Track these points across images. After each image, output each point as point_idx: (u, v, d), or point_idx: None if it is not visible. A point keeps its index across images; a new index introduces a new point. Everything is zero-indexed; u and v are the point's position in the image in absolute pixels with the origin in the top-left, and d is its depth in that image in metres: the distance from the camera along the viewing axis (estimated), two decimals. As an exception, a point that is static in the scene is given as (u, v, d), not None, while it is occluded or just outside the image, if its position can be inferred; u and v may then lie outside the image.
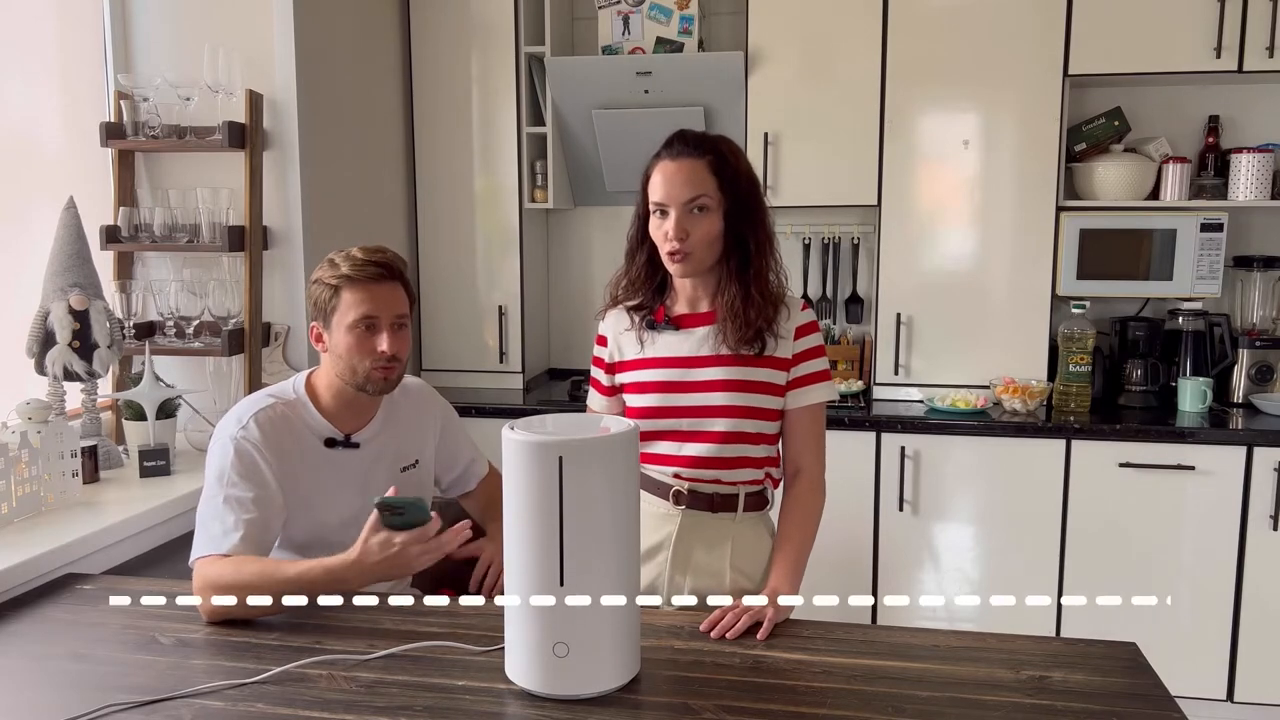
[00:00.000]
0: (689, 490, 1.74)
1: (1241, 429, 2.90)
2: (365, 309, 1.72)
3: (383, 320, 1.74)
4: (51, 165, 2.62)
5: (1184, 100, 3.30)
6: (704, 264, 1.70)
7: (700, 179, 1.66)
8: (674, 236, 1.66)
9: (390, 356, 1.74)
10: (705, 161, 1.67)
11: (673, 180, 1.67)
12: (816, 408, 1.77)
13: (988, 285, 3.18)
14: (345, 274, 1.72)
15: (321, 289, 1.74)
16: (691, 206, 1.66)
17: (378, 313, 1.73)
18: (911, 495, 3.05)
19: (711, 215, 1.67)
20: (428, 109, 3.42)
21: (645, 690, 1.36)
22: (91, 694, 1.36)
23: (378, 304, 1.73)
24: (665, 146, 1.71)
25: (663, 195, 1.67)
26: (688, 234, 1.66)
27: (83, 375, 2.36)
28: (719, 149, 1.69)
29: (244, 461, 1.69)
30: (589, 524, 1.30)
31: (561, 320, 3.83)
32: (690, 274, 1.71)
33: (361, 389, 1.77)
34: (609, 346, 1.84)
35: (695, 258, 1.68)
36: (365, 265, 1.73)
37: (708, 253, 1.69)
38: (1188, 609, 2.93)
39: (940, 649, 1.49)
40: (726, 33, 3.48)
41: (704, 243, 1.67)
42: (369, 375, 1.75)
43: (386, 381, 1.77)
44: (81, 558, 1.93)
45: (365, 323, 1.72)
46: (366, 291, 1.72)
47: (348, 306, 1.72)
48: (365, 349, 1.73)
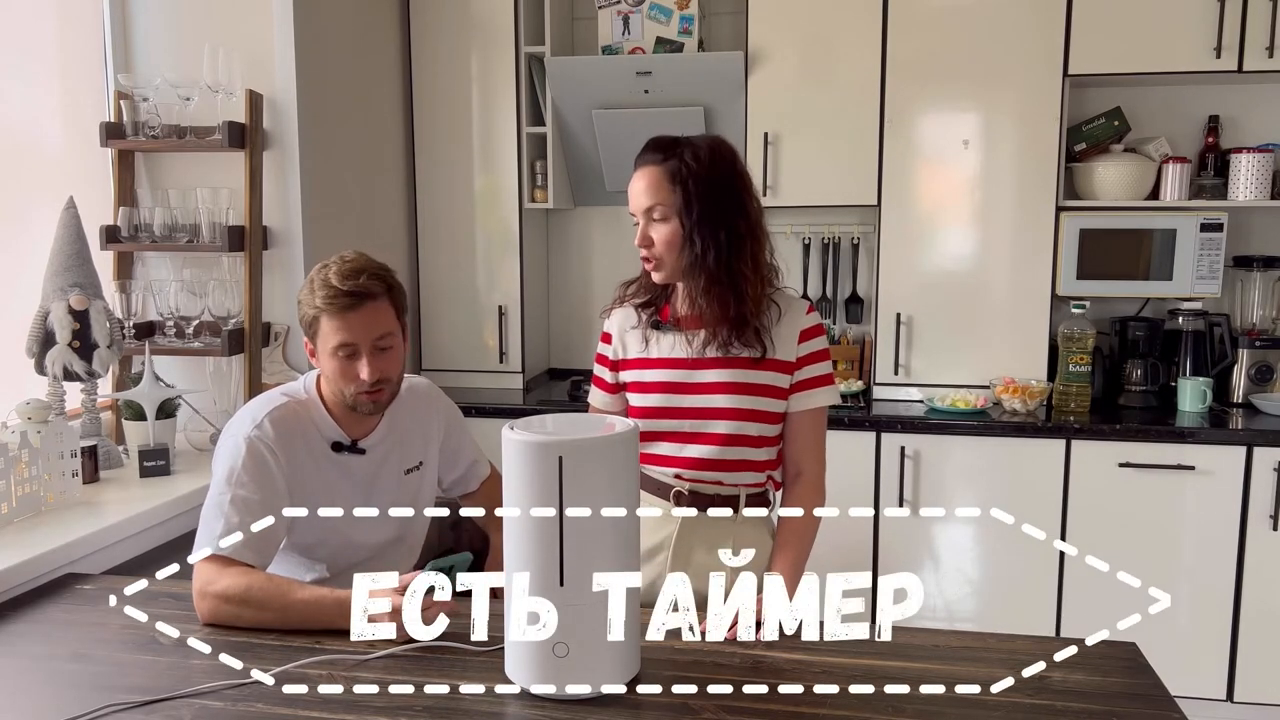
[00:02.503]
0: (690, 491, 1.74)
1: (1241, 429, 2.90)
2: (341, 338, 1.68)
3: (361, 347, 1.69)
4: (51, 165, 2.62)
5: (1184, 100, 3.30)
6: (673, 269, 1.72)
7: (655, 187, 1.69)
8: (639, 244, 1.72)
9: (375, 382, 1.71)
10: (664, 168, 1.68)
11: (633, 190, 1.72)
12: (819, 411, 1.77)
13: (988, 285, 3.18)
14: (318, 306, 1.68)
15: (305, 311, 1.71)
16: (650, 215, 1.70)
17: (355, 340, 1.68)
18: (911, 495, 3.05)
19: (669, 222, 1.69)
20: (428, 109, 3.42)
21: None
22: (91, 694, 1.36)
23: (354, 332, 1.68)
24: (637, 156, 1.75)
25: (631, 206, 1.73)
26: (652, 241, 1.70)
27: (83, 375, 2.36)
28: (680, 153, 1.69)
29: (255, 461, 1.68)
30: (589, 524, 1.30)
31: (561, 320, 3.83)
32: (665, 280, 1.74)
33: (353, 410, 1.77)
34: (613, 344, 1.84)
35: (665, 264, 1.71)
36: (337, 296, 1.66)
37: (672, 258, 1.70)
38: (1188, 609, 2.93)
39: (940, 649, 1.49)
40: (726, 33, 3.48)
41: (664, 248, 1.70)
42: (356, 399, 1.73)
43: (375, 404, 1.75)
44: (81, 558, 1.93)
45: (344, 350, 1.69)
46: (342, 320, 1.67)
47: (327, 334, 1.69)
48: (348, 376, 1.71)
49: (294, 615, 1.55)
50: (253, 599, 1.55)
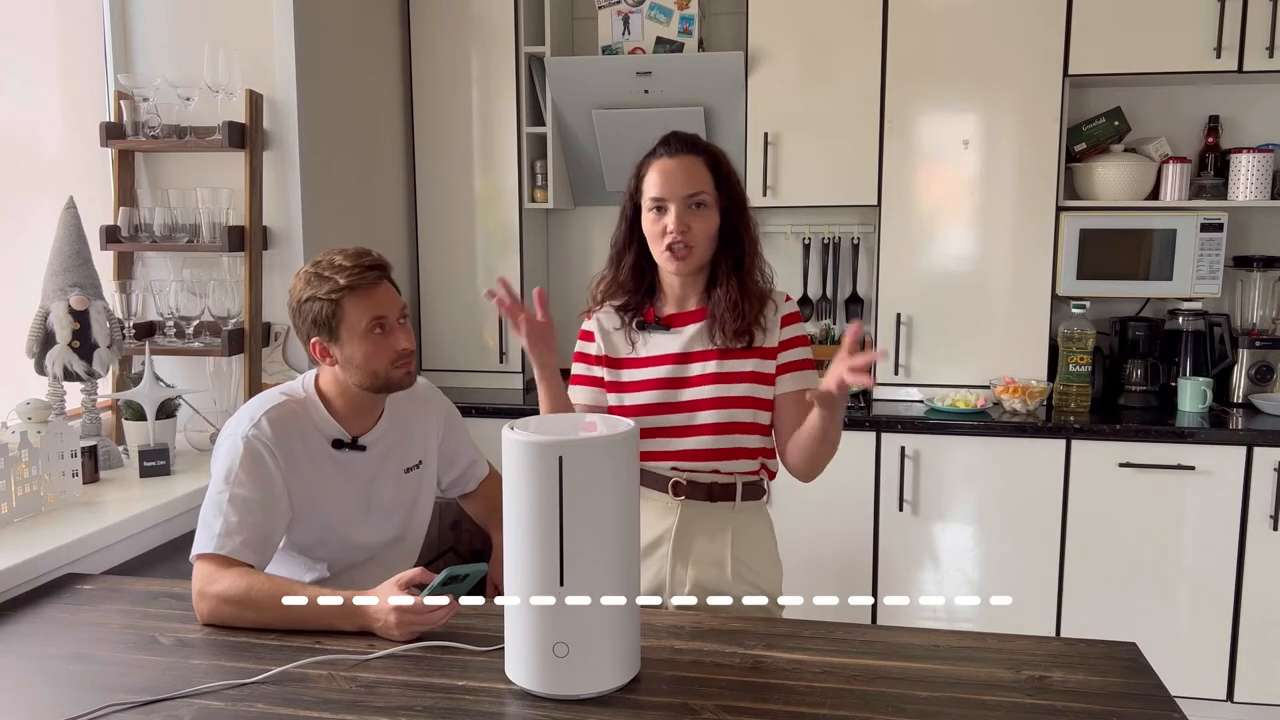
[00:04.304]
0: (687, 481, 1.75)
1: (1241, 429, 2.90)
2: (375, 312, 1.72)
3: (391, 318, 1.75)
4: (51, 165, 2.62)
5: (1184, 100, 3.30)
6: (702, 259, 1.73)
7: (699, 176, 1.71)
8: (675, 230, 1.68)
9: (410, 351, 1.77)
10: (702, 160, 1.72)
11: (673, 176, 1.70)
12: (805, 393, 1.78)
13: (988, 285, 3.18)
14: (344, 285, 1.70)
15: (320, 305, 1.71)
16: (691, 202, 1.69)
17: (386, 312, 1.74)
18: (911, 495, 3.05)
19: (709, 211, 1.71)
20: (428, 109, 3.42)
21: (645, 690, 1.36)
22: (91, 694, 1.36)
23: (383, 304, 1.74)
24: (661, 145, 1.75)
25: (662, 191, 1.70)
26: (689, 227, 1.69)
27: (83, 375, 2.36)
28: (712, 150, 1.76)
29: (253, 460, 1.69)
30: (589, 524, 1.30)
31: (562, 320, 3.79)
32: (688, 270, 1.73)
33: (384, 390, 1.78)
34: (596, 341, 1.85)
35: (696, 252, 1.71)
36: (363, 271, 1.72)
37: (707, 248, 1.72)
38: (1188, 609, 2.93)
39: (940, 649, 1.49)
40: (726, 33, 3.48)
41: (704, 237, 1.71)
42: (390, 375, 1.76)
43: (409, 375, 1.79)
44: (81, 558, 1.93)
45: (377, 325, 1.72)
46: (369, 296, 1.72)
47: (356, 314, 1.71)
48: (383, 351, 1.74)
49: (294, 616, 1.55)
50: (252, 599, 1.55)
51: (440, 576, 1.50)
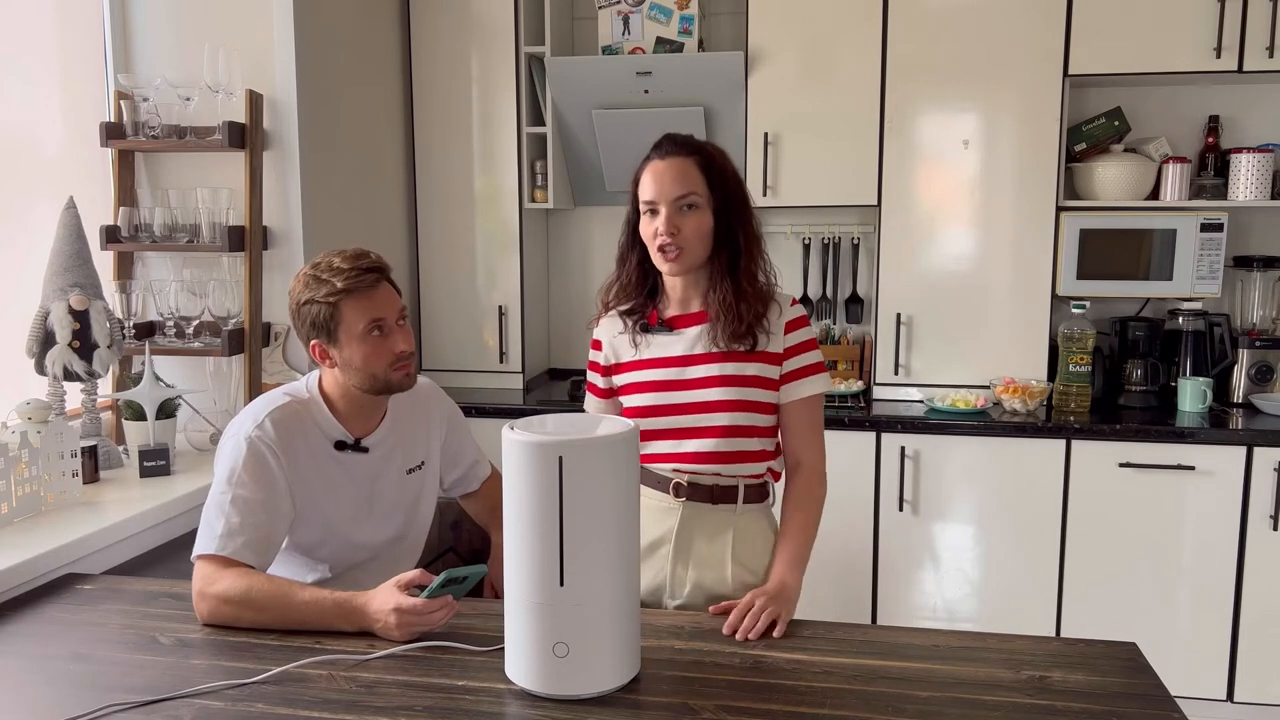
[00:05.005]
0: (689, 483, 1.75)
1: (1241, 429, 2.90)
2: (372, 314, 1.71)
3: (389, 320, 1.74)
4: (51, 165, 2.62)
5: (1184, 100, 3.30)
6: (696, 260, 1.72)
7: (689, 177, 1.70)
8: (665, 232, 1.68)
9: (409, 353, 1.76)
10: (693, 160, 1.71)
11: (662, 178, 1.70)
12: (812, 400, 1.78)
13: (988, 285, 3.18)
14: (342, 288, 1.69)
15: (318, 308, 1.71)
16: (681, 204, 1.69)
17: (384, 314, 1.73)
18: (911, 495, 3.05)
19: (701, 212, 1.70)
20: (428, 109, 3.42)
21: (645, 690, 1.36)
22: (91, 694, 1.36)
23: (382, 307, 1.73)
24: (654, 148, 1.75)
25: (653, 193, 1.70)
26: (679, 229, 1.69)
27: (83, 375, 2.36)
28: (705, 150, 1.74)
29: (256, 461, 1.69)
30: (589, 524, 1.30)
31: (561, 320, 3.83)
32: (682, 271, 1.73)
33: (383, 392, 1.78)
34: (604, 350, 1.86)
35: (687, 253, 1.70)
36: (360, 274, 1.70)
37: (699, 248, 1.71)
38: (1188, 609, 2.93)
39: (940, 649, 1.49)
40: (726, 33, 3.48)
41: (695, 238, 1.70)
42: (389, 377, 1.75)
43: (409, 377, 1.78)
44: (81, 558, 1.93)
45: (375, 327, 1.72)
46: (368, 298, 1.71)
47: (354, 317, 1.70)
48: (382, 353, 1.73)
49: (294, 616, 1.55)
50: (253, 600, 1.55)
51: (440, 578, 1.50)
